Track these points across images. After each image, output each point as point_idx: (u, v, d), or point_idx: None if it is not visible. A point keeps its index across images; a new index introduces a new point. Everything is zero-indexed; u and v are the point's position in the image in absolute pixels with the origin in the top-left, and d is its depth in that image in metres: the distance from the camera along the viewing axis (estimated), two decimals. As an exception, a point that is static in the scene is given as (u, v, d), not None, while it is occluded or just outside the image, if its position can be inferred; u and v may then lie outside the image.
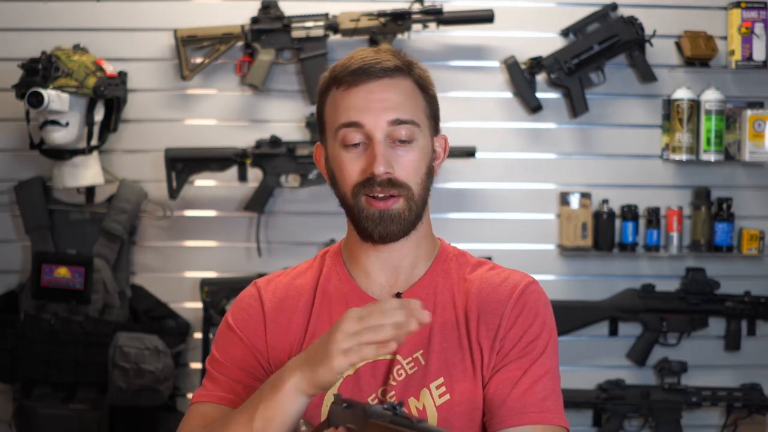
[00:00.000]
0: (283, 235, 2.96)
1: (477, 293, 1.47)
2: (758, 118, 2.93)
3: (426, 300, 1.46)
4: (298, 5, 2.92)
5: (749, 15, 2.91)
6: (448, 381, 1.42)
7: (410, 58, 1.48)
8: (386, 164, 1.40)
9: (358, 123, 1.41)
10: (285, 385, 1.29)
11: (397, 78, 1.43)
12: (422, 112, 1.46)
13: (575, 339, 3.00)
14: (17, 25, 2.93)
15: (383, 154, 1.40)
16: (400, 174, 1.41)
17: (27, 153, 2.89)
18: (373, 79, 1.42)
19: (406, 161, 1.42)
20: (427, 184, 1.46)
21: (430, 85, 1.48)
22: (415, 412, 1.41)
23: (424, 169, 1.44)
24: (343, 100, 1.43)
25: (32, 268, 2.77)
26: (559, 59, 2.91)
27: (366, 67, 1.42)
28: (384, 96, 1.42)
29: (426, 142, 1.46)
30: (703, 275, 2.96)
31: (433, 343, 1.44)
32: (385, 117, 1.41)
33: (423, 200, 1.45)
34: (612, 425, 2.94)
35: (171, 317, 2.90)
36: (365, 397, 1.43)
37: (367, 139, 1.41)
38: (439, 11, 2.85)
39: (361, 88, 1.42)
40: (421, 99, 1.46)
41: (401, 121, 1.42)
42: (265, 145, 2.89)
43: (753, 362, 3.03)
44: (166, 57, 2.95)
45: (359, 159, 1.42)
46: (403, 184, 1.41)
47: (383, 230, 1.42)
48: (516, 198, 3.00)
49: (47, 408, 2.73)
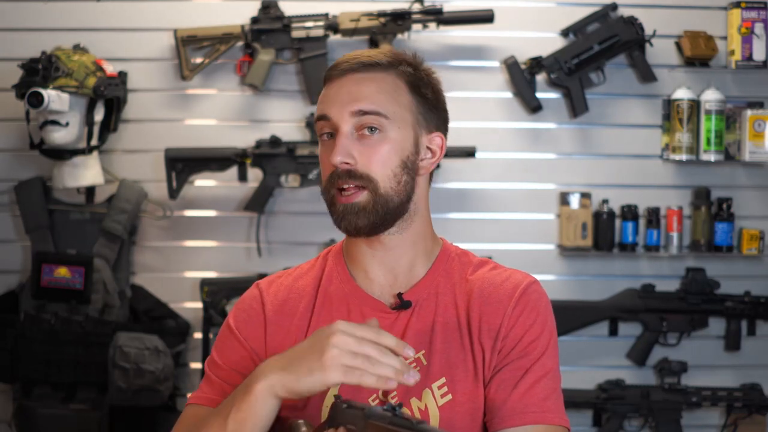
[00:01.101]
0: (283, 235, 2.96)
1: (479, 293, 1.47)
2: (758, 118, 2.93)
3: (428, 300, 1.47)
4: (298, 5, 2.92)
5: (749, 15, 2.91)
6: (450, 381, 1.42)
7: (406, 58, 1.48)
8: (344, 155, 1.40)
9: (326, 115, 1.43)
10: (257, 387, 1.27)
11: (373, 72, 1.44)
12: (401, 107, 1.44)
13: (575, 339, 3.00)
14: (17, 25, 2.93)
15: (342, 145, 1.40)
16: (362, 165, 1.40)
17: (27, 153, 2.89)
18: (347, 74, 1.43)
19: (370, 152, 1.41)
20: (403, 179, 1.42)
21: (425, 85, 1.47)
22: (417, 413, 1.41)
23: (397, 162, 1.42)
24: (322, 95, 1.46)
25: (32, 268, 2.77)
26: (559, 59, 2.91)
27: (345, 63, 1.44)
28: (352, 89, 1.42)
29: (401, 136, 1.43)
30: (703, 275, 2.96)
31: (435, 343, 1.44)
32: (348, 108, 1.41)
33: (397, 194, 1.42)
34: (612, 425, 2.94)
35: (171, 317, 2.91)
36: (366, 397, 1.42)
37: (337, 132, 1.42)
38: (439, 11, 2.85)
39: (335, 82, 1.44)
40: (406, 95, 1.45)
41: (364, 112, 1.41)
42: (265, 145, 2.89)
43: (753, 362, 3.03)
44: (166, 57, 2.95)
45: (328, 152, 1.43)
46: (363, 176, 1.40)
47: (348, 224, 1.42)
48: (516, 198, 3.00)
49: (47, 408, 2.73)
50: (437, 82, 1.50)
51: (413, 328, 1.45)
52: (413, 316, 1.45)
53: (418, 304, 1.46)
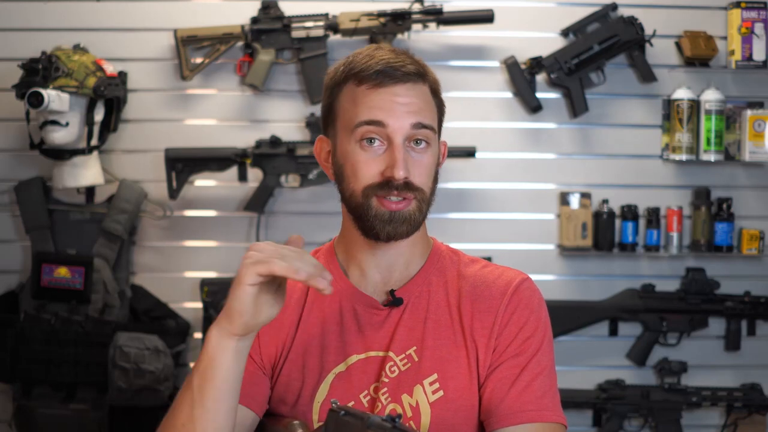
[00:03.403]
0: (283, 235, 2.95)
1: (471, 290, 1.48)
2: (758, 118, 2.93)
3: (420, 297, 1.48)
4: (298, 5, 2.92)
5: (749, 15, 2.91)
6: (441, 377, 1.43)
7: (424, 63, 1.50)
8: (405, 169, 1.41)
9: (381, 122, 1.42)
10: (210, 333, 1.30)
11: (417, 83, 1.45)
12: (435, 118, 1.48)
13: (575, 339, 3.00)
14: (17, 25, 2.92)
15: (404, 159, 1.41)
16: (416, 178, 1.43)
17: (27, 153, 2.89)
18: (398, 82, 1.43)
19: (422, 165, 1.44)
20: (434, 187, 1.48)
21: (440, 91, 1.51)
22: (408, 409, 1.42)
23: (434, 174, 1.47)
24: (366, 98, 1.43)
25: (32, 268, 2.77)
26: (559, 59, 2.91)
27: (390, 69, 1.43)
28: (408, 100, 1.43)
29: (437, 147, 1.48)
30: (703, 275, 2.96)
31: (427, 339, 1.45)
32: (408, 120, 1.42)
33: (430, 203, 1.47)
34: (612, 425, 2.94)
35: (171, 317, 2.91)
36: (357, 393, 1.43)
37: (386, 141, 1.42)
38: (439, 11, 2.85)
39: (386, 89, 1.43)
40: (434, 105, 1.49)
41: (422, 125, 1.43)
42: (265, 145, 2.89)
43: (753, 362, 3.03)
44: (166, 57, 2.95)
45: (376, 160, 1.42)
46: (418, 188, 1.43)
47: (392, 230, 1.43)
48: (516, 198, 3.00)
49: (47, 408, 2.73)
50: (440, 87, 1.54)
51: (405, 324, 1.46)
52: (405, 312, 1.47)
53: (410, 301, 1.48)
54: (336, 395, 1.43)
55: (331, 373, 1.45)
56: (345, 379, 1.45)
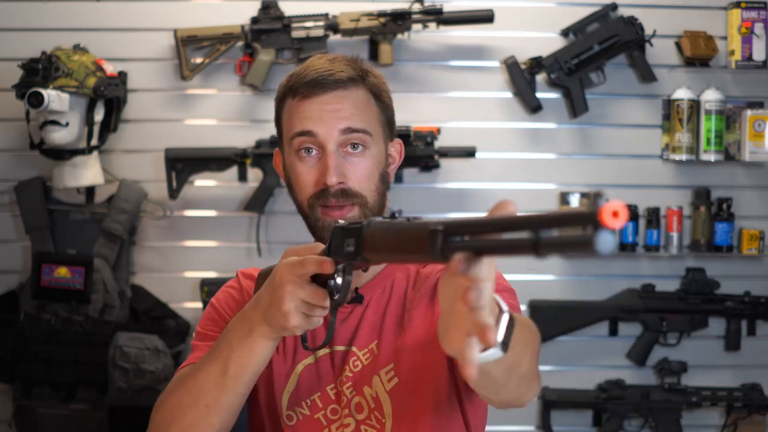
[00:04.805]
0: (283, 235, 2.96)
1: (422, 278, 1.51)
2: (758, 118, 2.93)
3: (383, 293, 1.52)
4: (298, 5, 2.92)
5: (749, 15, 2.91)
6: (396, 365, 1.46)
7: (365, 67, 1.51)
8: (338, 174, 1.44)
9: (311, 132, 1.45)
10: (255, 332, 1.31)
11: (350, 88, 1.47)
12: (375, 121, 1.49)
13: (575, 339, 3.00)
14: (17, 25, 2.93)
15: (335, 165, 1.44)
16: (353, 183, 1.45)
17: (27, 153, 2.89)
18: (327, 91, 1.46)
19: (359, 170, 1.46)
20: (382, 190, 1.49)
21: (384, 92, 1.52)
22: (370, 400, 1.45)
23: (377, 177, 1.48)
24: (298, 110, 1.48)
25: (32, 268, 2.77)
26: (559, 59, 2.91)
27: (320, 78, 1.46)
28: (336, 107, 1.46)
29: (379, 149, 1.49)
30: (703, 275, 2.96)
31: (385, 332, 1.48)
32: (337, 126, 1.45)
33: (379, 206, 1.49)
34: (612, 425, 2.94)
35: (171, 317, 2.91)
36: (324, 386, 1.47)
37: (320, 149, 1.45)
38: (439, 11, 2.85)
39: (315, 99, 1.46)
40: (375, 107, 1.50)
41: (353, 130, 1.45)
42: (265, 145, 2.89)
43: (753, 362, 3.03)
44: (166, 57, 2.95)
45: (312, 169, 1.46)
46: (356, 194, 1.45)
47: None
48: (516, 198, 2.95)
49: (47, 408, 2.73)
50: (388, 86, 1.55)
51: (368, 320, 1.50)
52: (368, 309, 1.50)
53: (373, 298, 1.51)
54: (305, 386, 1.47)
55: (300, 364, 1.49)
56: (313, 371, 1.49)
